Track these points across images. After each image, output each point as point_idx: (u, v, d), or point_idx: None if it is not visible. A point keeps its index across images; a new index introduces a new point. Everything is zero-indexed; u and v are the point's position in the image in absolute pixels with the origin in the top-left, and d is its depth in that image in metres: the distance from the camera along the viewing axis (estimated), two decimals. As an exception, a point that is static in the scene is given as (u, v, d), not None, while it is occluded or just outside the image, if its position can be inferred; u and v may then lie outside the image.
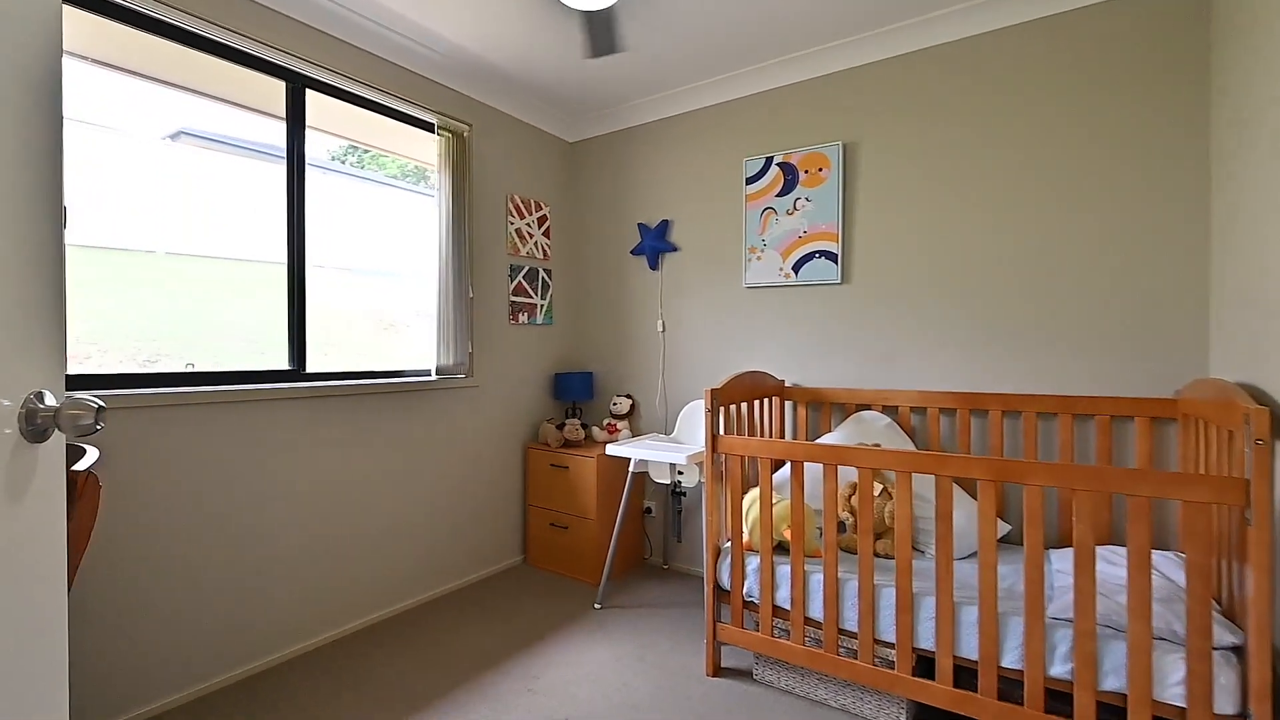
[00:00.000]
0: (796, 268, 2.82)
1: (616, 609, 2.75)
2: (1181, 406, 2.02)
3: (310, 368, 2.46)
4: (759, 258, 2.93)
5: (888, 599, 1.89)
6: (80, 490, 1.44)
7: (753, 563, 2.15)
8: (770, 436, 2.76)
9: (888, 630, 1.88)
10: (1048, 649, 1.64)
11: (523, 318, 3.33)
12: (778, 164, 2.87)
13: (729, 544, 2.26)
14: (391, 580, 2.69)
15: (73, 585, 1.44)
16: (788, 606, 2.07)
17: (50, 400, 0.82)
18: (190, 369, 2.15)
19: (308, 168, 2.44)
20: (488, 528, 3.16)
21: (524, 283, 3.34)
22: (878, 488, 2.25)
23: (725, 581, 2.20)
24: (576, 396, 3.41)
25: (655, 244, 3.26)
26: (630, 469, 2.79)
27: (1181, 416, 2.04)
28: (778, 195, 2.87)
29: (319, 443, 2.41)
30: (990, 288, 2.41)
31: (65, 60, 1.93)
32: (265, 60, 2.27)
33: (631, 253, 3.39)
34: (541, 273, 3.45)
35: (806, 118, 2.83)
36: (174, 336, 2.20)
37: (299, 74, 2.38)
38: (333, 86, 2.50)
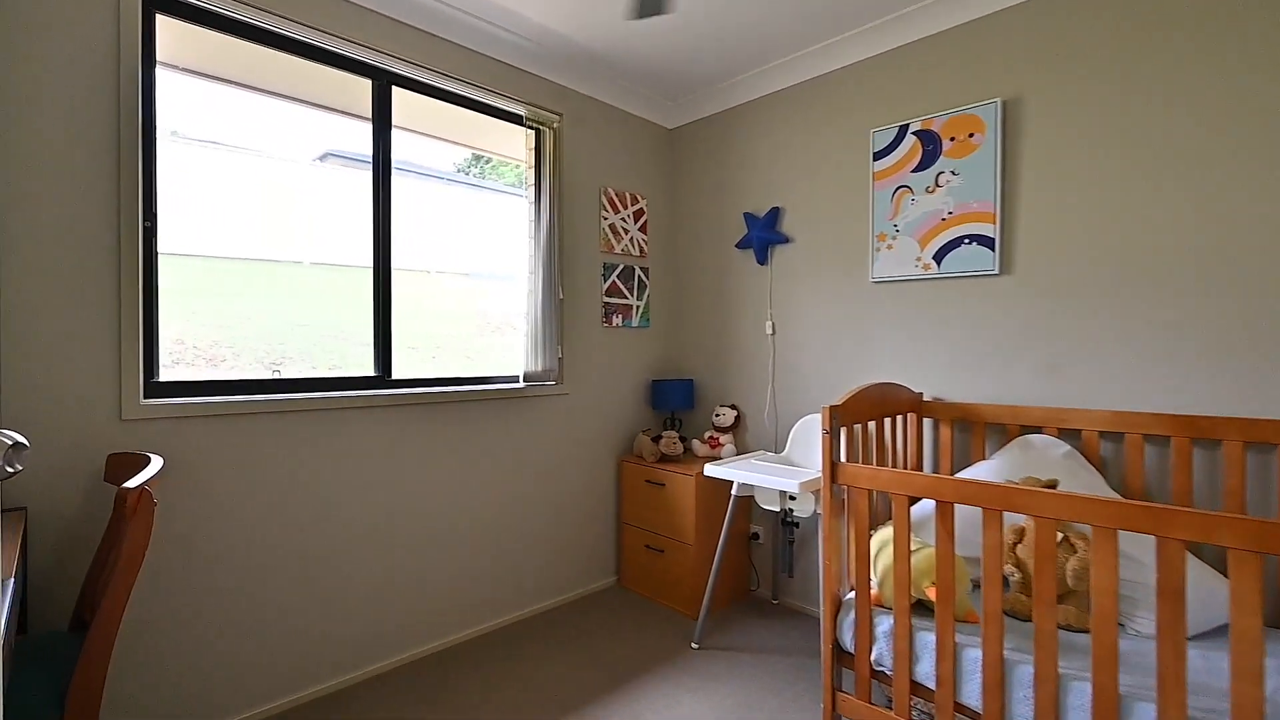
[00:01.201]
0: (939, 256, 2.32)
1: (716, 651, 2.41)
2: None
3: (403, 374, 2.38)
4: (890, 246, 2.46)
5: (1079, 696, 1.40)
6: (133, 508, 1.36)
7: (883, 623, 1.73)
8: (905, 463, 2.29)
9: (1079, 739, 1.39)
10: (1359, 813, 1.09)
11: (617, 320, 3.08)
12: (914, 133, 2.39)
13: (852, 595, 1.85)
14: (474, 600, 2.54)
15: (126, 603, 1.36)
16: (931, 685, 1.62)
17: (-38, 434, 0.64)
18: (276, 374, 2.11)
19: (436, 179, 2.53)
20: (579, 546, 2.95)
21: (618, 282, 3.09)
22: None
23: (848, 643, 1.79)
24: (675, 406, 3.11)
25: (764, 235, 2.88)
26: (733, 492, 2.44)
27: None
28: (914, 170, 2.39)
29: (401, 452, 2.30)
30: (1232, 276, 1.79)
31: (223, 89, 1.97)
32: (350, 58, 2.20)
33: (737, 246, 3.03)
34: (637, 271, 3.19)
35: (952, 74, 2.32)
36: (303, 341, 2.24)
37: (384, 70, 2.29)
38: (418, 82, 2.39)
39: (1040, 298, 2.12)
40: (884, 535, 1.88)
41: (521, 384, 2.66)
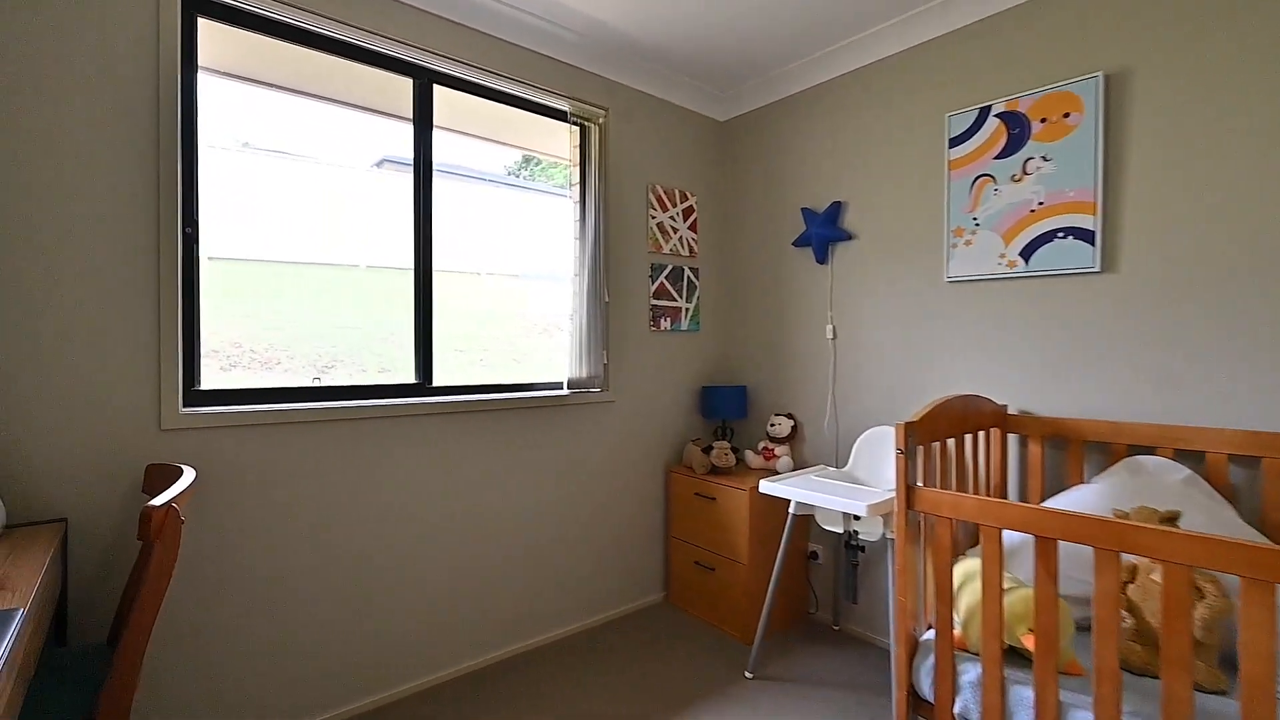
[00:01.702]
0: (1027, 252, 2.07)
1: (773, 682, 2.23)
2: None
3: (447, 379, 2.33)
4: (968, 242, 2.22)
5: (1221, 779, 1.16)
6: (158, 528, 1.30)
7: (969, 671, 1.52)
8: (987, 485, 2.05)
9: (1222, 832, 1.16)
10: None
11: (665, 323, 2.94)
12: (997, 115, 2.14)
13: (930, 636, 1.64)
14: (515, 616, 2.44)
15: (154, 622, 1.30)
16: (1028, 747, 1.41)
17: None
18: (317, 382, 2.07)
19: (488, 182, 2.52)
20: (625, 561, 2.81)
21: (667, 283, 2.94)
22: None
23: (926, 690, 1.59)
24: (727, 415, 2.94)
25: (824, 232, 2.67)
26: (790, 510, 2.25)
27: None
28: (997, 157, 2.14)
29: (441, 463, 2.22)
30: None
31: (285, 97, 1.98)
32: (391, 56, 2.13)
33: (794, 244, 2.84)
34: (687, 272, 3.03)
35: (1043, 47, 2.06)
36: (354, 344, 2.22)
37: (425, 68, 2.22)
38: (459, 79, 2.31)
39: (1152, 298, 1.85)
40: (967, 568, 1.66)
41: (565, 391, 2.55)
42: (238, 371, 1.99)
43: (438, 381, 2.29)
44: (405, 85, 2.22)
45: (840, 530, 2.16)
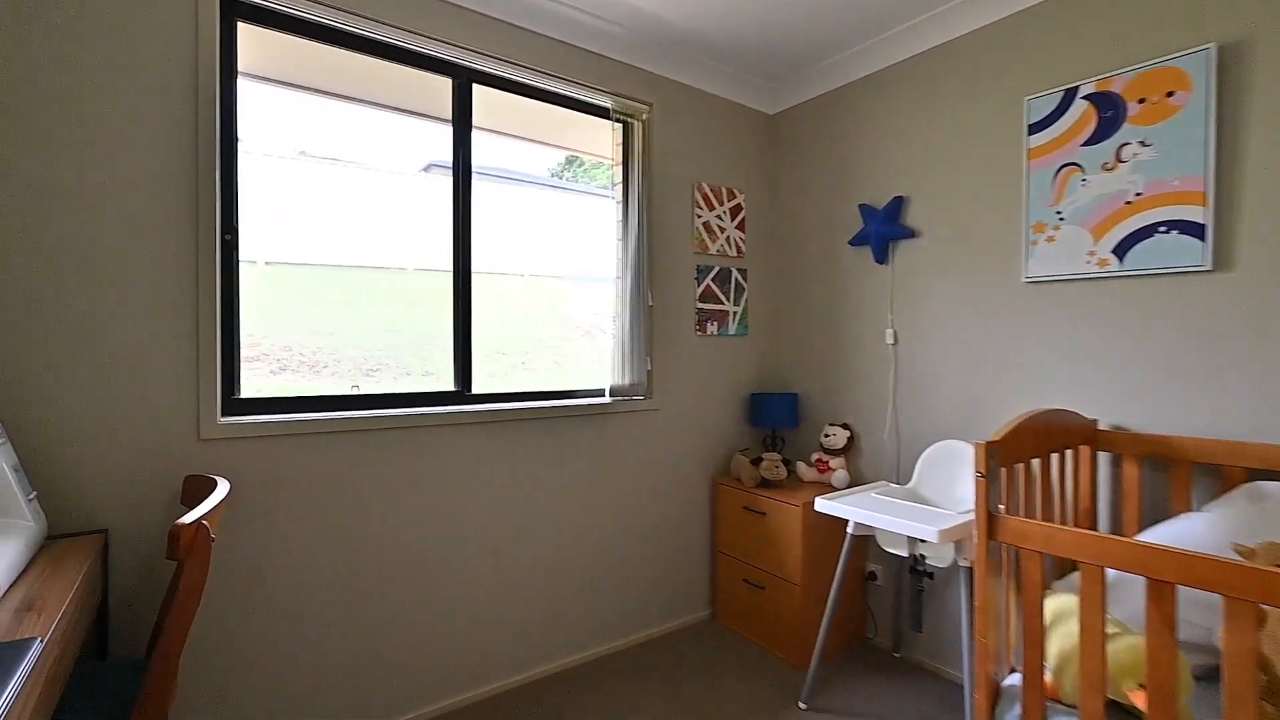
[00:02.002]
0: (1121, 250, 1.85)
1: (829, 714, 2.07)
2: None
3: (488, 385, 2.27)
4: (1050, 239, 2.01)
5: None
6: (188, 546, 1.26)
7: (1064, 727, 1.34)
8: (1073, 510, 1.84)
9: None
10: None
11: (711, 328, 2.80)
12: (1086, 97, 1.93)
13: (1014, 680, 1.46)
14: (555, 632, 2.35)
15: (185, 640, 1.27)
16: (1138, 821, 1.22)
17: None
18: (355, 390, 2.03)
19: (530, 184, 2.48)
20: (669, 576, 2.69)
21: (713, 286, 2.80)
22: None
23: (1011, 744, 1.41)
24: (777, 424, 2.78)
25: (884, 229, 2.49)
26: (849, 530, 2.09)
27: None
28: (1086, 144, 1.93)
29: (479, 473, 2.15)
30: None
31: (335, 104, 1.98)
32: (429, 55, 2.08)
33: (850, 243, 2.66)
34: (734, 273, 2.89)
35: (1140, 17, 1.84)
36: (399, 348, 2.21)
37: (464, 67, 2.15)
38: (499, 77, 2.24)
39: (1277, 299, 1.61)
40: (1057, 605, 1.48)
41: (608, 399, 2.44)
42: (286, 375, 1.98)
43: (478, 386, 2.23)
44: (445, 87, 2.16)
45: (904, 554, 1.99)
